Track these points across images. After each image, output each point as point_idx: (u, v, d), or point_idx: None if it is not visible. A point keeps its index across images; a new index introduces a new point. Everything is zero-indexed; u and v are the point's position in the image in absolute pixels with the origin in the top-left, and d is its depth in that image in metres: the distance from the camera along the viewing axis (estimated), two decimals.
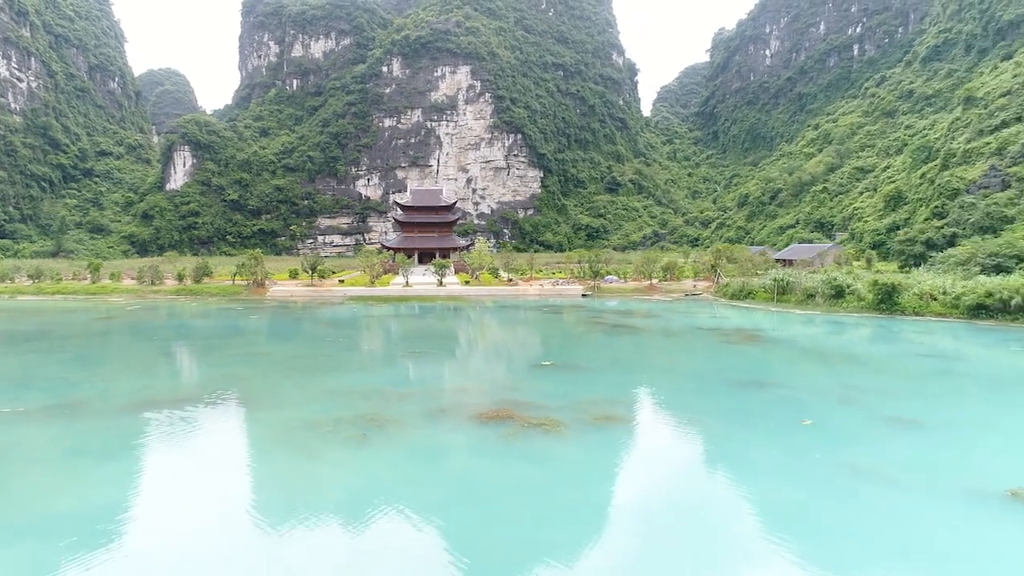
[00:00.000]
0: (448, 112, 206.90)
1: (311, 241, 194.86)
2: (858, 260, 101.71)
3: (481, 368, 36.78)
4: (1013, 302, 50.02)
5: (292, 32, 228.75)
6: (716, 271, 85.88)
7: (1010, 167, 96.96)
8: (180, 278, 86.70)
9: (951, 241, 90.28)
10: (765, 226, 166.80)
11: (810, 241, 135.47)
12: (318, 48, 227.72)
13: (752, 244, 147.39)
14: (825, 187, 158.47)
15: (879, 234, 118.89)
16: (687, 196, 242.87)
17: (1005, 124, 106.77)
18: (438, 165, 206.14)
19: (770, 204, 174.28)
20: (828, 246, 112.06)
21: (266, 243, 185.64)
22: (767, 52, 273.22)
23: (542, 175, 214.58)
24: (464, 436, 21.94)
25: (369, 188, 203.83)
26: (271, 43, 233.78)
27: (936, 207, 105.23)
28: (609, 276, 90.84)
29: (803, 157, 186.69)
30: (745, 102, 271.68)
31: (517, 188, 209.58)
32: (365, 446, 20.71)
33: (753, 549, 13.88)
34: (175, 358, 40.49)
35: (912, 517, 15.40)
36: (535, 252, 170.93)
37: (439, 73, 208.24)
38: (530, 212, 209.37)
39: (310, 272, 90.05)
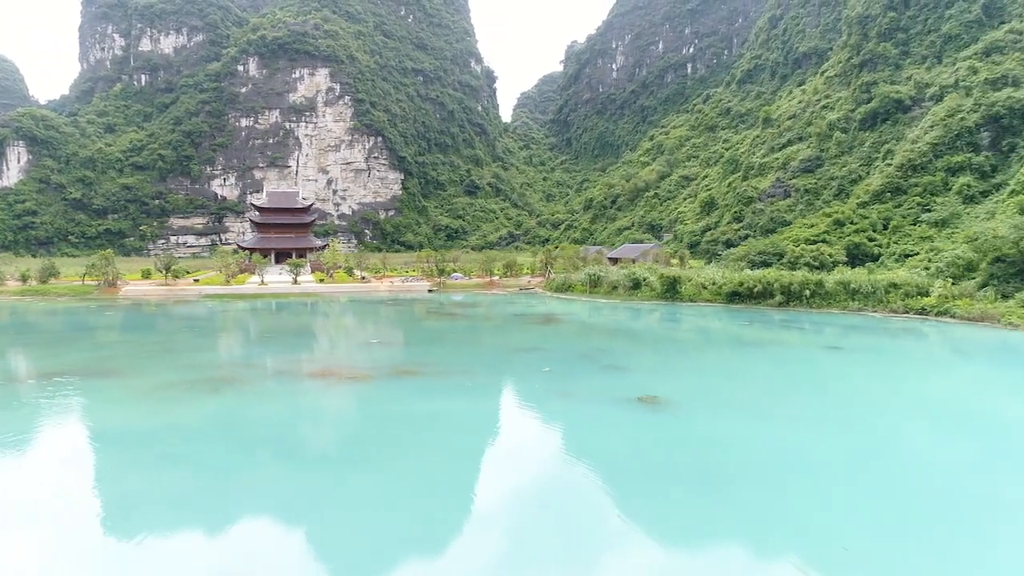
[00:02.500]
0: (307, 114, 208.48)
1: (163, 242, 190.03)
2: (674, 258, 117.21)
3: (320, 346, 44.34)
4: (756, 289, 63.90)
5: (140, 26, 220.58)
6: (547, 268, 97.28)
7: (791, 179, 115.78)
8: (24, 279, 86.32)
9: (744, 241, 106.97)
10: (606, 228, 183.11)
11: (641, 241, 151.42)
12: (168, 43, 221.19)
13: (594, 244, 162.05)
14: (656, 193, 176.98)
15: (695, 235, 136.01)
16: (542, 199, 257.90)
17: (790, 142, 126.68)
18: (297, 166, 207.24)
19: (611, 208, 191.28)
20: (651, 246, 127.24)
21: (114, 244, 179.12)
22: (614, 66, 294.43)
23: (403, 177, 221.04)
24: (293, 386, 29.81)
25: (225, 188, 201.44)
26: (116, 35, 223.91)
27: (736, 212, 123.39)
28: (455, 273, 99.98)
29: (640, 165, 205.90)
30: (595, 112, 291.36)
31: (378, 190, 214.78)
32: (216, 394, 28.03)
33: (477, 441, 22.94)
34: (34, 347, 44.67)
35: (584, 415, 25.17)
36: (396, 252, 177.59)
37: (297, 75, 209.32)
38: (391, 213, 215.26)
39: (164, 272, 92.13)
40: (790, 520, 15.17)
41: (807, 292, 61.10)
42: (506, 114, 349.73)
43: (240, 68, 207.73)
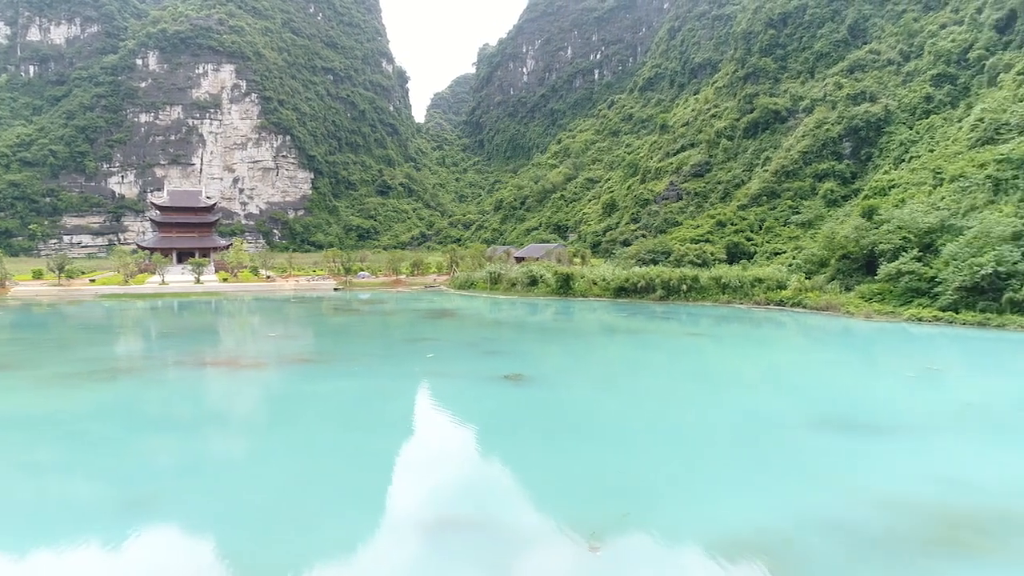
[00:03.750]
0: (212, 110, 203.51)
1: (55, 241, 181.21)
2: (576, 257, 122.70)
3: (220, 341, 45.99)
4: (640, 285, 69.29)
5: (27, 14, 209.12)
6: (453, 267, 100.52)
7: (683, 183, 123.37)
8: None
9: (638, 240, 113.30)
10: (515, 228, 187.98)
11: (548, 241, 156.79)
12: (59, 33, 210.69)
13: (503, 244, 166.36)
14: (563, 195, 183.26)
15: (598, 235, 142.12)
16: (454, 200, 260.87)
17: (683, 148, 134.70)
18: (202, 164, 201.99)
19: (520, 209, 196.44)
20: (555, 246, 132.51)
21: (0, 243, 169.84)
22: (524, 70, 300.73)
23: (313, 177, 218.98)
24: (190, 372, 31.88)
25: (124, 186, 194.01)
26: (0, 23, 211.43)
27: (633, 213, 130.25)
28: (362, 272, 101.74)
29: (548, 167, 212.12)
30: (507, 114, 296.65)
31: (287, 189, 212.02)
32: (113, 381, 29.82)
33: (359, 412, 25.91)
34: None
35: (455, 389, 28.55)
36: (306, 252, 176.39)
37: (201, 70, 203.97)
38: (301, 213, 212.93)
39: (57, 272, 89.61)
40: (610, 464, 18.92)
41: (684, 287, 66.88)
42: (420, 114, 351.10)
43: (139, 62, 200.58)
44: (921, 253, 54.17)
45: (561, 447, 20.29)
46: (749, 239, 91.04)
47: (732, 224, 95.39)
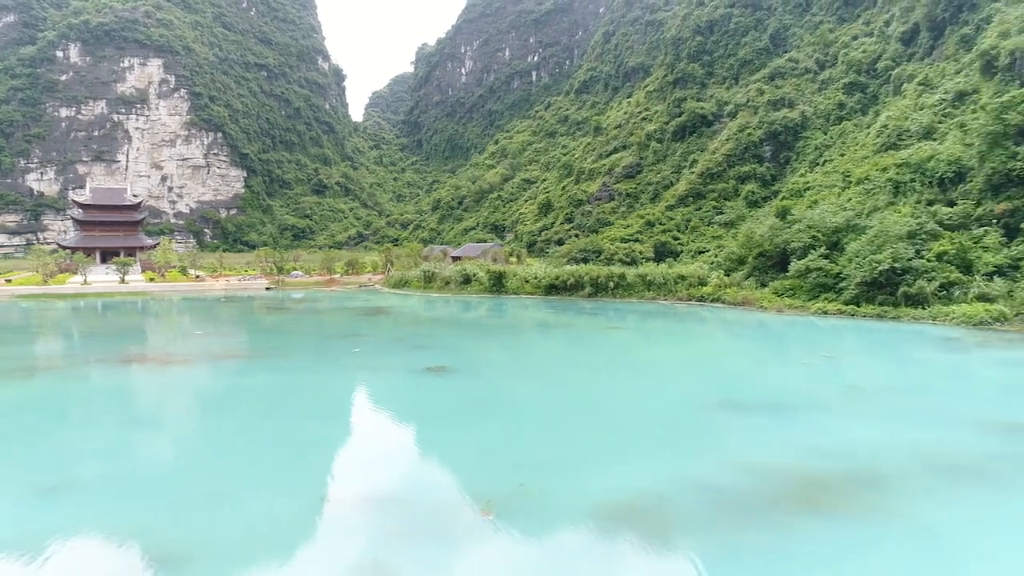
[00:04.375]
0: (138, 106, 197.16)
1: None
2: (512, 256, 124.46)
3: (143, 339, 45.51)
4: (569, 283, 71.30)
5: None
6: (388, 266, 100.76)
7: (615, 184, 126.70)
8: None
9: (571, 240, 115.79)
10: (453, 228, 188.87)
11: (485, 241, 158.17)
12: None
13: (441, 244, 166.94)
14: (500, 195, 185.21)
15: (534, 235, 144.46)
16: (392, 199, 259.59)
17: (616, 150, 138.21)
18: (128, 161, 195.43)
19: (458, 208, 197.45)
20: (491, 245, 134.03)
21: None
22: (463, 70, 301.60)
23: (245, 175, 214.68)
24: (113, 369, 31.83)
25: (43, 183, 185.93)
26: None
27: (568, 213, 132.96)
28: (295, 272, 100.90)
29: (486, 168, 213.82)
30: (445, 114, 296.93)
31: (218, 187, 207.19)
32: (30, 379, 29.58)
33: (282, 403, 26.55)
34: None
35: (377, 380, 29.45)
36: (239, 252, 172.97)
37: (127, 64, 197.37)
38: (233, 212, 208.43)
39: None
40: (518, 444, 20.24)
41: (612, 284, 69.21)
42: (357, 113, 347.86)
43: (59, 54, 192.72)
44: (828, 251, 57.80)
45: (474, 430, 21.57)
46: (676, 238, 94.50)
47: (660, 224, 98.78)
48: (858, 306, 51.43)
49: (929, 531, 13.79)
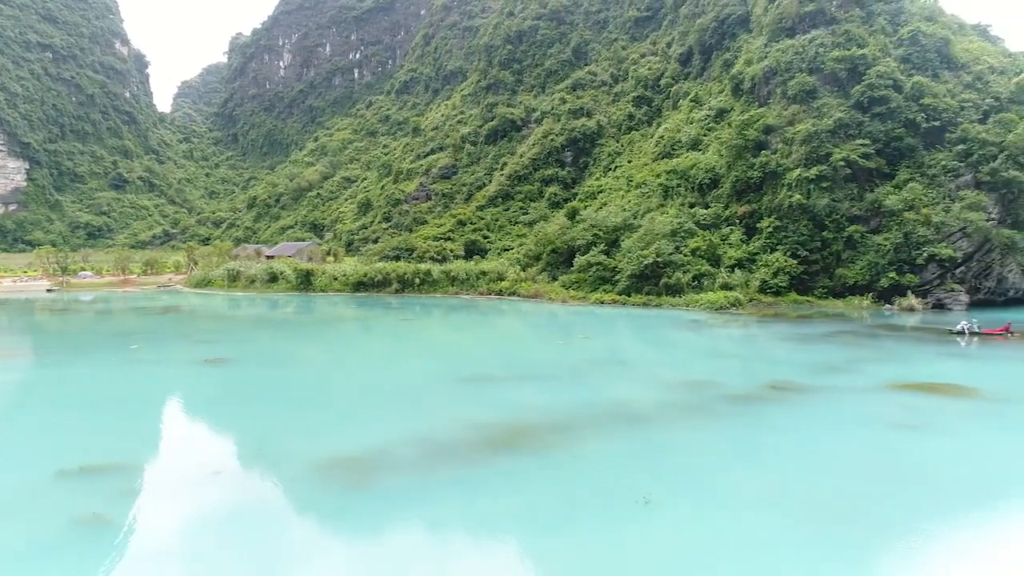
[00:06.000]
0: None
1: None
2: (329, 255, 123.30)
3: None
4: (377, 279, 73.04)
5: None
6: (191, 265, 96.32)
7: (432, 184, 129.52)
8: None
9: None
10: (270, 226, 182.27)
11: (303, 240, 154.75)
12: None
13: (257, 243, 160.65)
14: (319, 193, 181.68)
15: (353, 234, 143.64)
16: (204, 196, 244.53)
17: (433, 151, 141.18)
18: None
19: (275, 207, 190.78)
20: (308, 244, 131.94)
21: None
22: (281, 64, 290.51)
23: (28, 167, 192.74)
24: None
25: None
26: None
27: (386, 212, 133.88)
28: (84, 272, 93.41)
29: (305, 165, 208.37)
30: (263, 108, 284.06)
31: None
32: None
33: (57, 394, 26.06)
34: None
35: (153, 372, 29.57)
36: (21, 252, 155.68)
37: None
38: (13, 208, 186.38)
39: None
40: (274, 419, 21.93)
41: (418, 280, 71.96)
42: (165, 103, 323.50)
43: None
44: (608, 248, 64.49)
45: (231, 411, 23.07)
46: (486, 237, 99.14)
47: (471, 223, 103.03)
48: (629, 296, 58.16)
49: (577, 457, 17.60)
